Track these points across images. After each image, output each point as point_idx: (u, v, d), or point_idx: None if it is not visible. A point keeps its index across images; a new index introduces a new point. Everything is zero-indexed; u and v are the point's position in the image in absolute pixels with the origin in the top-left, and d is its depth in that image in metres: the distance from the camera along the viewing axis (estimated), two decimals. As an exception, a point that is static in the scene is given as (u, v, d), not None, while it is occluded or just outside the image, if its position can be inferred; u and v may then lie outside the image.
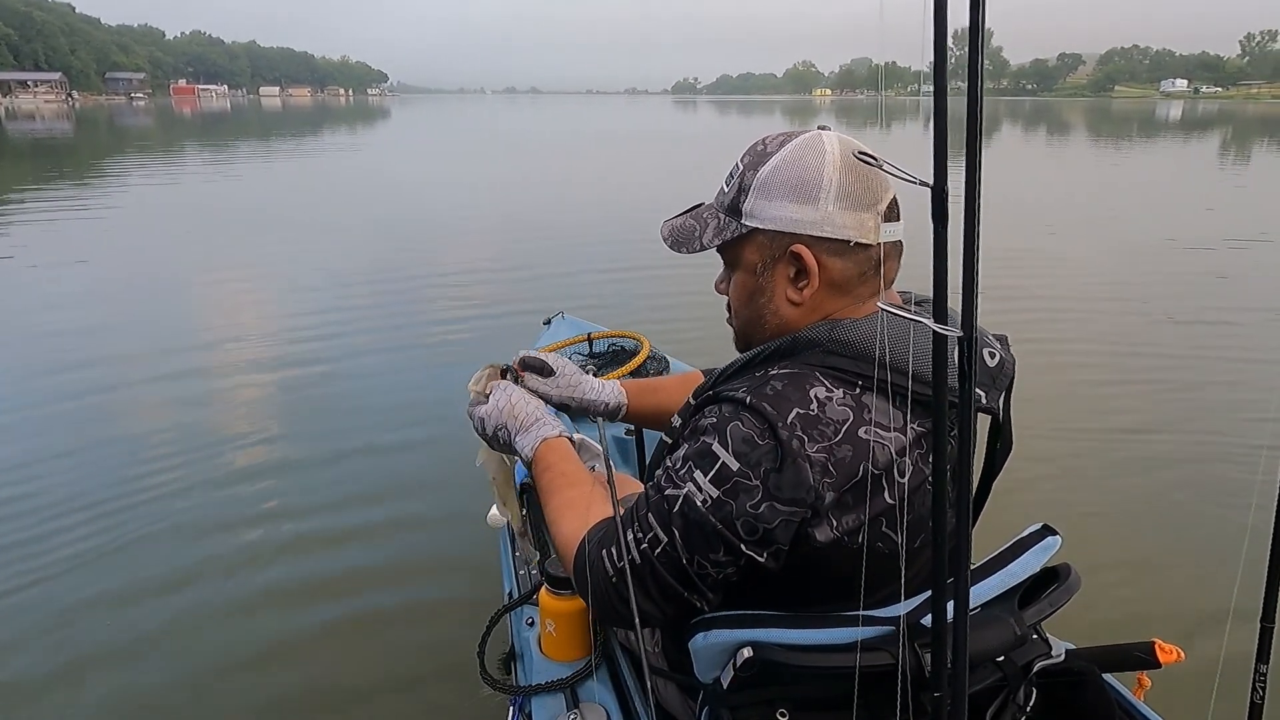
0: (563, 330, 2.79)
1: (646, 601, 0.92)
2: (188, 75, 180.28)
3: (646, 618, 0.93)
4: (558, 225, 9.06)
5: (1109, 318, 5.55)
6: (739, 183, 0.96)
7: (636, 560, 0.91)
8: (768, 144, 0.96)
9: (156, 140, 26.29)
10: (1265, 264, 7.37)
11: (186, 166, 16.60)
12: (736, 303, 1.02)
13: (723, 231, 0.97)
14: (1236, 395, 4.05)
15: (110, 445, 3.34)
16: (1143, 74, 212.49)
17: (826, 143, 0.92)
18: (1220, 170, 17.61)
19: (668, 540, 0.89)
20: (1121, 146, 24.92)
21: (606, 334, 2.65)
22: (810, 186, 0.90)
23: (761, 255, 0.96)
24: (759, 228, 0.94)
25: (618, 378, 2.25)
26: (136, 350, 4.57)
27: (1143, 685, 1.11)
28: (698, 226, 1.00)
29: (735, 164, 0.98)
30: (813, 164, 0.91)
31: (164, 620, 2.25)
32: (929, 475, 0.88)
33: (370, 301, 5.67)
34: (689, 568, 0.89)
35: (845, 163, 0.90)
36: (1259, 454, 3.10)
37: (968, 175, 0.52)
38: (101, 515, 2.76)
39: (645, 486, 0.96)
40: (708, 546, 0.87)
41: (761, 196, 0.94)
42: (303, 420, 3.66)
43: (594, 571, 0.95)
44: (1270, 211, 11.12)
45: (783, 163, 0.93)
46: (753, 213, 0.95)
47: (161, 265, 6.95)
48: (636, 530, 0.92)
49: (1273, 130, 35.23)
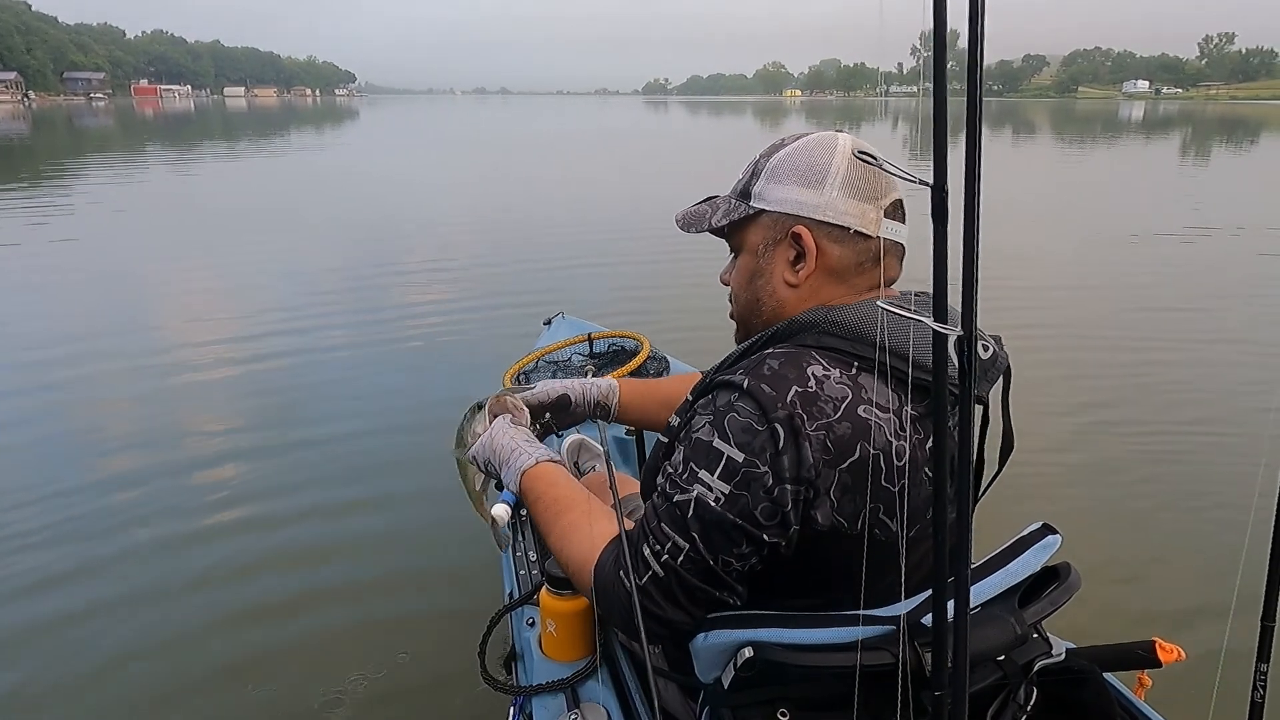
0: (563, 330, 2.80)
1: (676, 610, 0.92)
2: (149, 75, 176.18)
3: (678, 625, 0.93)
4: (555, 224, 9.08)
5: (1098, 310, 5.60)
6: (752, 169, 1.01)
7: (660, 573, 0.91)
8: (785, 139, 1.00)
9: (117, 142, 25.74)
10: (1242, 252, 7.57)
11: (150, 168, 16.20)
12: (737, 286, 1.04)
13: (731, 213, 1.01)
14: (1235, 390, 4.06)
15: (87, 450, 3.35)
16: (1105, 75, 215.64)
17: (840, 140, 0.96)
18: (1182, 167, 18.07)
19: (689, 546, 0.89)
20: (1090, 145, 25.32)
21: (606, 334, 2.65)
22: (817, 172, 0.94)
23: (764, 236, 0.99)
24: (765, 209, 0.98)
25: (617, 378, 2.27)
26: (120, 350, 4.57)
27: (1143, 684, 1.11)
28: (709, 210, 1.05)
29: (754, 158, 1.02)
30: (822, 154, 0.95)
31: (164, 629, 2.25)
32: (925, 462, 0.89)
33: (352, 303, 5.66)
34: (716, 568, 0.89)
35: (855, 158, 0.94)
36: (1259, 450, 3.10)
37: (967, 174, 0.52)
38: (81, 531, 2.70)
39: (651, 496, 0.95)
40: (731, 543, 0.88)
41: (771, 180, 0.98)
42: (304, 422, 3.66)
43: (615, 594, 0.94)
44: (1232, 202, 11.38)
45: (795, 151, 0.97)
46: (761, 195, 0.98)
47: (128, 270, 6.82)
48: (653, 544, 0.91)
49: (1231, 130, 36.11)
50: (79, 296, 5.88)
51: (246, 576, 2.46)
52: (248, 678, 2.05)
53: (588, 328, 2.73)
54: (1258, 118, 51.94)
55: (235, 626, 2.23)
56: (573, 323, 2.88)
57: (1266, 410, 3.65)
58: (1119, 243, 8.11)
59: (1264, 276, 6.73)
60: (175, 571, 2.48)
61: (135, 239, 8.23)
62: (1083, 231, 8.83)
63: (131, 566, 2.50)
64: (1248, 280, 6.57)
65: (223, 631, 2.21)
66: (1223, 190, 13.51)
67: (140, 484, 3.01)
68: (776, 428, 0.84)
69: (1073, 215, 10.14)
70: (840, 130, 0.99)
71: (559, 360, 2.53)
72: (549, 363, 2.50)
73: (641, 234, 8.08)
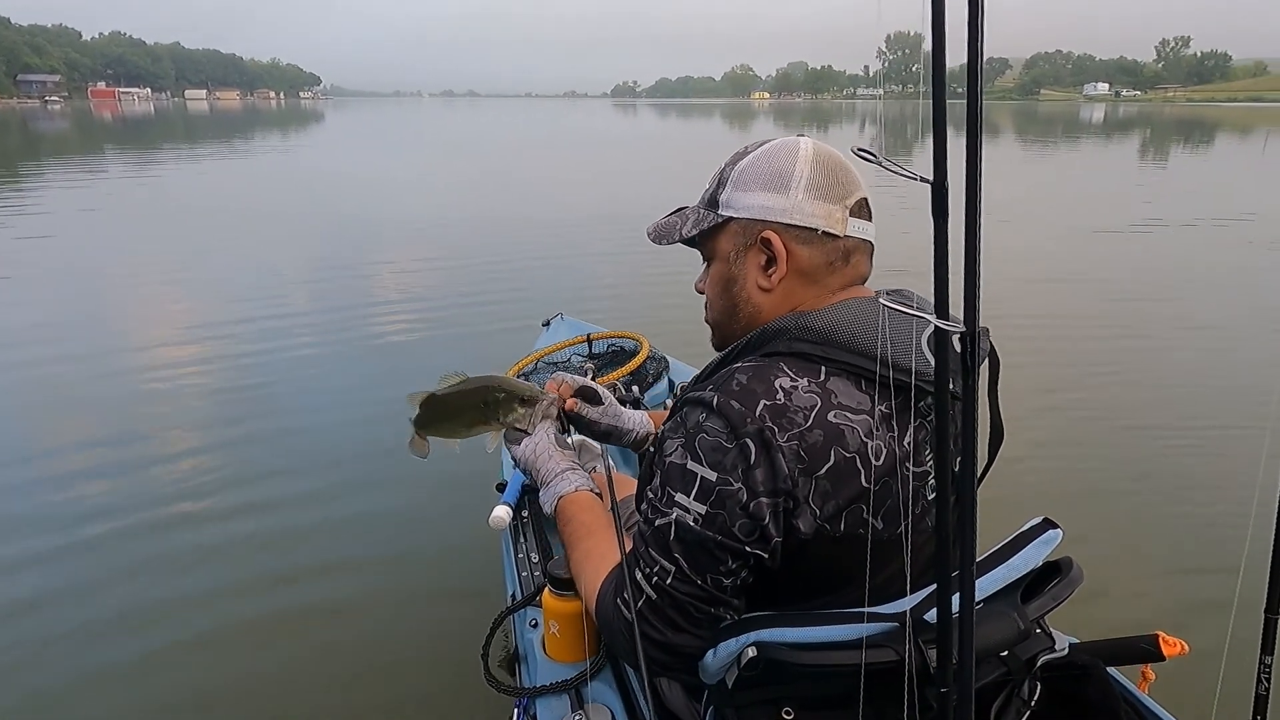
0: (562, 331, 2.79)
1: (677, 634, 0.93)
2: (107, 78, 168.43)
3: (681, 649, 0.93)
4: (554, 223, 9.09)
5: (1093, 303, 5.62)
6: (718, 178, 1.02)
7: (653, 596, 0.93)
8: (749, 147, 1.02)
9: (75, 145, 25.13)
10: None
11: (110, 172, 15.75)
12: (712, 294, 1.06)
13: (701, 223, 1.03)
14: (1237, 383, 4.07)
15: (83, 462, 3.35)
16: (1067, 78, 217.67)
17: (802, 144, 0.98)
18: (1143, 166, 18.48)
19: (675, 569, 0.91)
20: (1054, 146, 25.56)
21: (606, 335, 2.65)
22: (782, 177, 0.96)
23: (735, 243, 1.00)
24: (733, 216, 0.99)
25: (618, 378, 2.27)
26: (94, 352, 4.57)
27: (1147, 678, 1.11)
28: (679, 221, 1.07)
29: (719, 166, 1.04)
30: (785, 159, 0.97)
31: (164, 629, 2.25)
32: (901, 457, 0.90)
33: (337, 306, 5.66)
34: (707, 586, 0.90)
35: (817, 160, 0.96)
36: (1260, 442, 3.10)
37: (968, 173, 0.52)
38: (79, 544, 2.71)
39: (638, 521, 0.98)
40: (715, 560, 0.89)
41: (737, 188, 0.99)
42: (303, 423, 3.66)
43: (615, 621, 0.97)
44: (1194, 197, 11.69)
45: (759, 158, 0.99)
46: (729, 203, 1.00)
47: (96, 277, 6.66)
48: (644, 567, 0.94)
49: (1187, 131, 36.78)
50: (40, 293, 5.87)
51: (247, 578, 2.45)
52: (249, 680, 2.05)
53: (587, 328, 2.73)
54: (1213, 119, 52.68)
55: (236, 627, 2.23)
56: (572, 323, 2.87)
57: (1267, 402, 3.65)
58: (1090, 237, 8.28)
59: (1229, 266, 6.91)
60: (180, 572, 2.48)
61: (98, 243, 8.11)
62: (1057, 227, 8.99)
63: (132, 563, 2.50)
64: (1231, 271, 6.72)
65: (224, 634, 2.21)
66: (1192, 186, 13.67)
67: (140, 484, 3.02)
68: (747, 443, 0.85)
69: (1044, 212, 10.28)
70: (802, 136, 1.00)
71: (558, 361, 2.53)
72: (548, 364, 2.50)
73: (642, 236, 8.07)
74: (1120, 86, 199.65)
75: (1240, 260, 7.34)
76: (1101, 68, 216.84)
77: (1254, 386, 3.95)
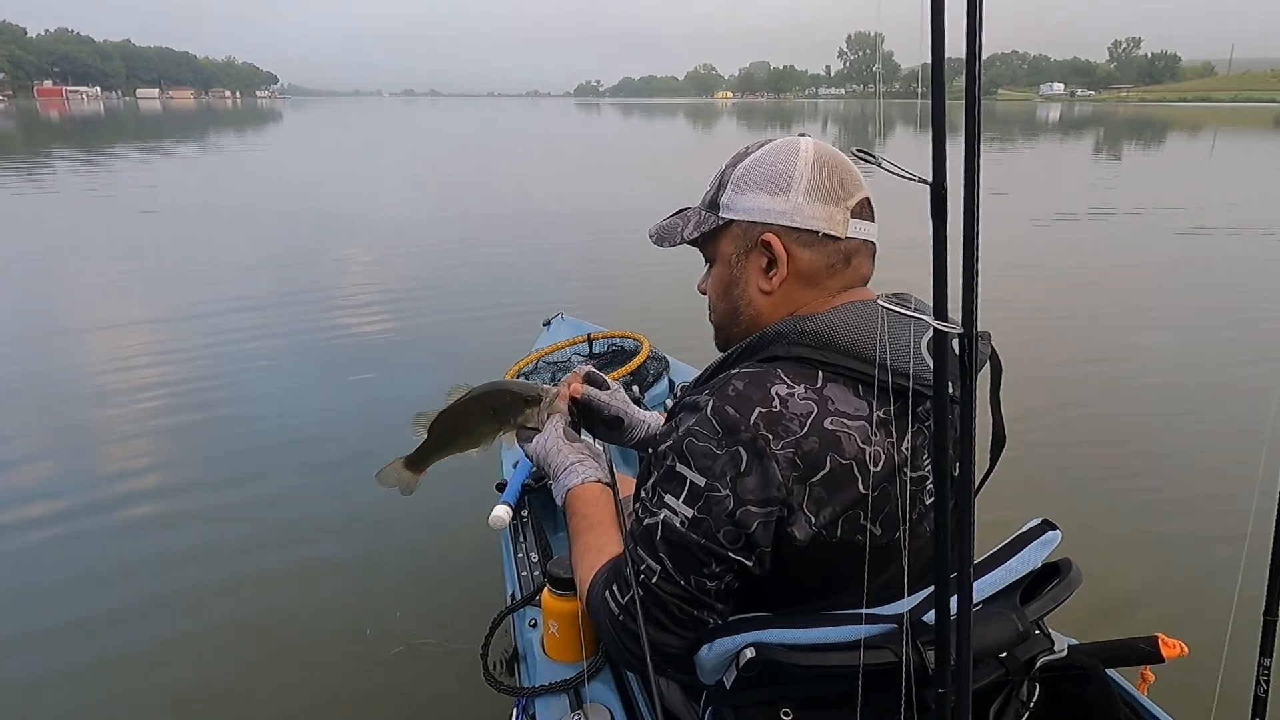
0: (562, 331, 2.79)
1: (661, 633, 0.93)
2: (54, 76, 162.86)
3: (665, 648, 0.93)
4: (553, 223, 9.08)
5: (1091, 305, 5.60)
6: (719, 180, 1.01)
7: (640, 593, 0.93)
8: (749, 148, 1.01)
9: (19, 145, 24.30)
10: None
11: (59, 171, 15.25)
12: (714, 296, 1.05)
13: (702, 225, 1.02)
14: (1236, 384, 4.06)
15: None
16: (1023, 78, 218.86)
17: (802, 145, 0.97)
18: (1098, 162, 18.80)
19: (660, 569, 0.91)
20: (1015, 145, 25.59)
21: (606, 334, 2.65)
22: (782, 179, 0.95)
23: (735, 246, 1.00)
24: (734, 219, 0.99)
25: (618, 378, 2.27)
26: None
27: (1146, 680, 1.11)
28: (680, 223, 1.06)
29: (720, 168, 1.03)
30: (786, 160, 0.96)
31: (164, 631, 2.25)
32: (899, 463, 0.89)
33: (324, 308, 5.66)
34: (690, 588, 0.91)
35: (818, 161, 0.95)
36: (1260, 443, 3.09)
37: (966, 173, 0.52)
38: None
39: (631, 519, 0.98)
40: (698, 563, 0.89)
41: (737, 190, 0.98)
42: (304, 423, 3.66)
43: (602, 613, 0.98)
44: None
45: (759, 159, 0.98)
46: (729, 205, 0.99)
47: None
48: (633, 564, 0.94)
49: (1140, 130, 37.61)
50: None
51: (247, 578, 2.45)
52: (248, 680, 2.05)
53: (587, 328, 2.73)
54: (1164, 119, 53.11)
55: (236, 629, 2.23)
56: (572, 323, 2.87)
57: (1267, 401, 3.65)
58: (1076, 232, 8.44)
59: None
60: (178, 571, 2.48)
61: (42, 243, 7.87)
62: (1043, 224, 9.11)
63: (117, 573, 2.50)
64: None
65: (224, 635, 2.21)
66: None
67: (144, 492, 3.02)
68: (739, 450, 0.85)
69: (1021, 209, 10.29)
70: (803, 135, 0.99)
71: (558, 361, 2.52)
72: (548, 364, 2.50)
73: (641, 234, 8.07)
74: (1075, 86, 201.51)
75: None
76: (1056, 68, 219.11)
77: (1259, 388, 3.93)
